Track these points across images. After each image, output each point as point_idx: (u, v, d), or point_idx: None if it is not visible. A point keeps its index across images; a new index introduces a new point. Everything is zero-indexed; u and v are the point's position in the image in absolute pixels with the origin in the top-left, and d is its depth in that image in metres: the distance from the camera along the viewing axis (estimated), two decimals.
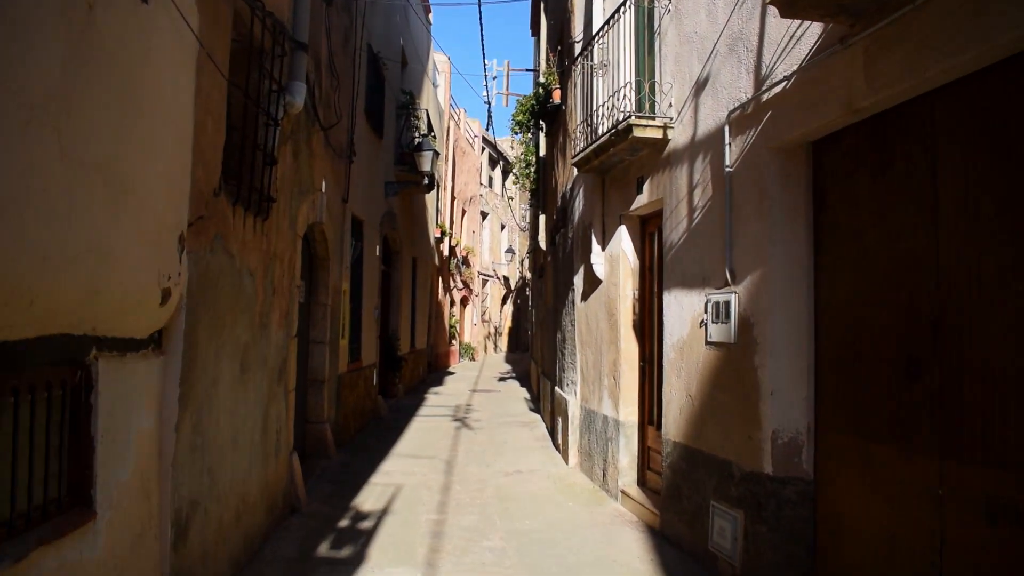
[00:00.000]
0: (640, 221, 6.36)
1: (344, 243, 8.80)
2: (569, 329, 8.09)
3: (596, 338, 6.95)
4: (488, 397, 14.42)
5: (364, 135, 10.08)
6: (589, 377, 7.21)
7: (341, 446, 8.65)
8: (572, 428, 7.66)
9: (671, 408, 5.24)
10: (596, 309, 6.95)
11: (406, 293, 14.44)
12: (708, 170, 4.78)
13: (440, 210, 19.76)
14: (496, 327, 30.75)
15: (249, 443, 4.69)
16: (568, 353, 8.15)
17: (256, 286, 4.64)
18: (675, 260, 5.23)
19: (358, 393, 9.71)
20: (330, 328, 8.15)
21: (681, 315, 5.10)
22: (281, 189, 5.22)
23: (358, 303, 9.98)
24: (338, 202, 8.31)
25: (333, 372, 8.42)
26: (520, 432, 10.22)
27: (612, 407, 6.48)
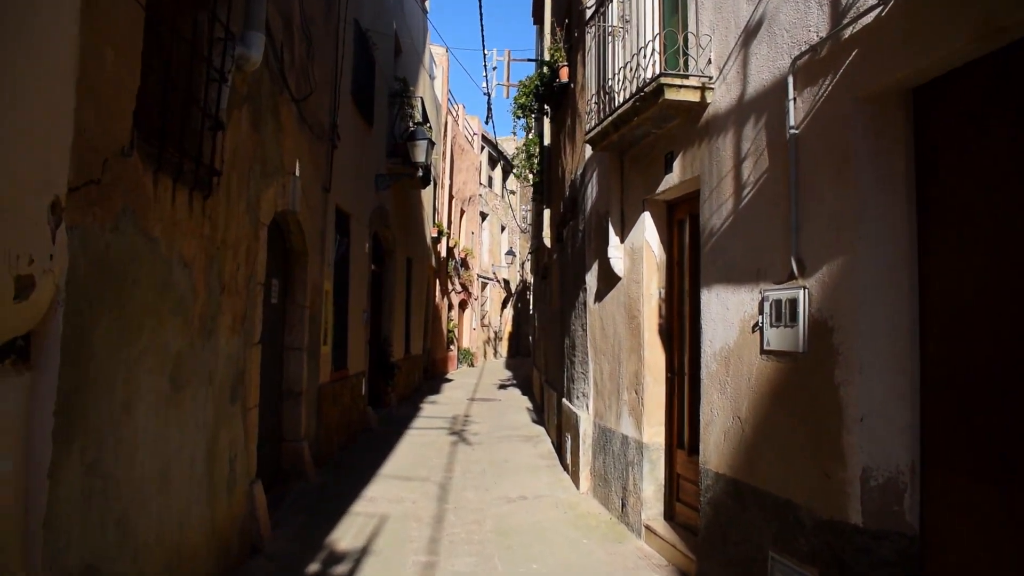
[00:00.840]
0: (667, 207, 5.39)
1: (326, 238, 7.84)
2: (579, 334, 7.13)
3: (613, 345, 5.98)
4: (488, 407, 13.44)
5: (351, 120, 9.12)
6: (604, 390, 6.24)
7: (322, 465, 7.67)
8: (584, 448, 6.68)
9: (712, 431, 4.27)
10: (613, 311, 5.98)
11: (400, 295, 13.47)
12: (763, 135, 3.82)
13: (437, 209, 18.81)
14: (496, 332, 29.77)
15: (187, 478, 3.72)
16: (578, 362, 7.18)
17: (194, 281, 3.67)
18: (717, 250, 4.26)
19: (343, 405, 8.74)
20: (309, 333, 7.18)
21: (725, 317, 4.13)
22: (233, 163, 4.26)
23: (344, 305, 9.01)
24: (317, 190, 7.34)
25: (313, 382, 7.44)
26: (523, 448, 9.24)
27: (633, 426, 5.51)
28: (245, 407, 4.78)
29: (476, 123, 25.58)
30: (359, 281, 9.77)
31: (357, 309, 9.70)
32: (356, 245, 9.52)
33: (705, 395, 4.37)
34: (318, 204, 7.41)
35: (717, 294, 4.24)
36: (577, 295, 7.23)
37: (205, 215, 3.77)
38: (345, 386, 8.82)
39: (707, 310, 4.36)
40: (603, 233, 6.08)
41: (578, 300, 7.18)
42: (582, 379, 6.97)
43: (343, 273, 8.96)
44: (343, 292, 8.97)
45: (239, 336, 4.50)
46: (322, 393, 7.76)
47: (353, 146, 9.30)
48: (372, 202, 10.62)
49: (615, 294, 5.93)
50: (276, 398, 6.81)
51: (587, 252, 6.71)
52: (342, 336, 8.93)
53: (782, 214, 3.62)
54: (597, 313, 6.45)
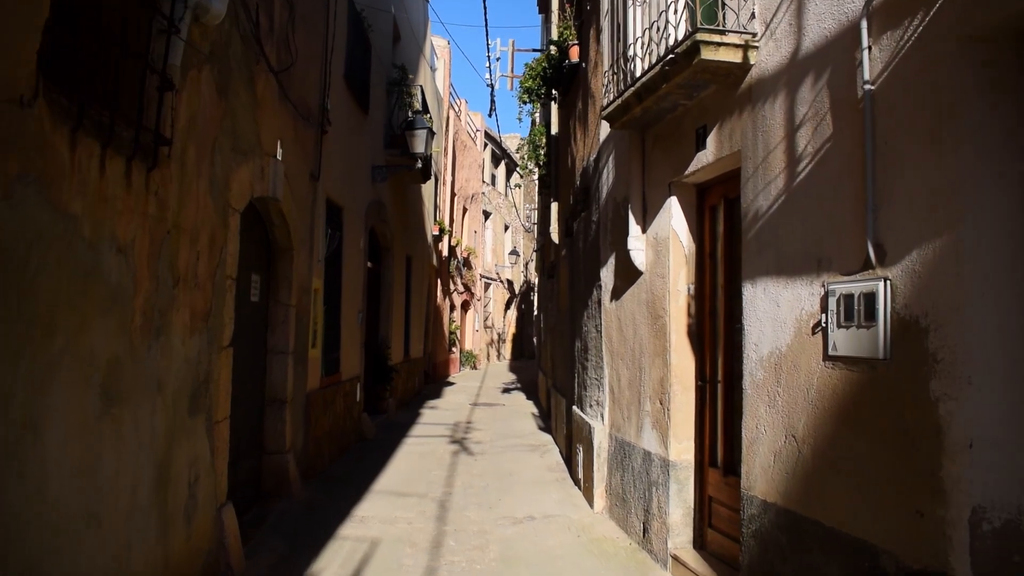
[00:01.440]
0: (697, 191, 4.73)
1: (315, 231, 7.18)
2: (593, 336, 6.46)
3: (633, 348, 5.31)
4: (491, 412, 12.77)
5: (344, 106, 8.48)
6: (622, 399, 5.57)
7: (311, 479, 7.01)
8: (598, 462, 6.01)
9: (758, 451, 3.60)
10: (633, 310, 5.32)
11: (399, 295, 12.81)
12: (824, 97, 3.16)
13: (439, 206, 18.17)
14: (499, 334, 29.11)
15: (127, 510, 3.06)
16: (592, 367, 6.51)
17: (134, 270, 3.01)
18: (764, 237, 3.60)
19: (335, 412, 8.08)
20: (295, 335, 6.53)
21: (776, 316, 3.47)
22: (191, 132, 3.60)
23: (336, 305, 8.35)
24: (304, 177, 6.69)
25: (300, 389, 6.79)
26: (529, 458, 8.57)
27: (658, 441, 4.84)
28: (211, 420, 4.12)
29: (479, 119, 24.94)
30: (353, 279, 9.11)
31: (351, 309, 9.05)
32: (350, 241, 8.86)
33: (749, 408, 3.70)
34: (305, 193, 6.76)
35: (765, 289, 3.58)
36: (590, 293, 6.56)
37: (150, 191, 3.11)
38: (338, 392, 8.16)
39: (752, 308, 3.69)
40: (621, 223, 5.42)
41: (591, 298, 6.52)
42: (596, 386, 6.31)
43: (335, 271, 8.31)
44: (335, 291, 8.32)
45: (201, 337, 3.84)
46: (311, 400, 7.10)
47: (346, 134, 8.65)
48: (368, 195, 9.97)
49: (635, 291, 5.26)
50: (257, 407, 6.15)
51: (602, 245, 6.05)
52: (334, 338, 8.27)
53: (852, 190, 2.96)
54: (614, 313, 5.78)
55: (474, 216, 23.99)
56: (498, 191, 28.66)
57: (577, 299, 7.45)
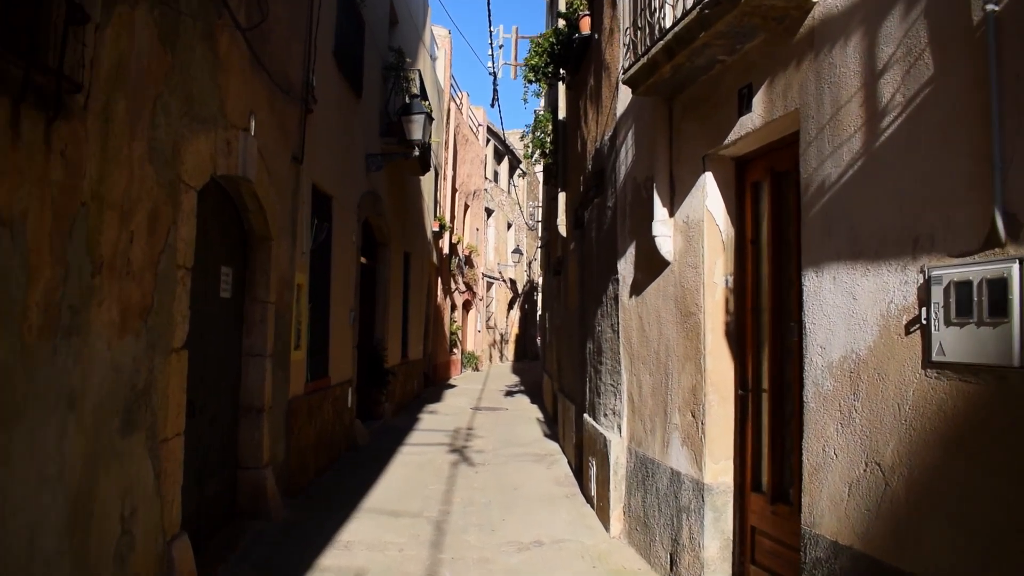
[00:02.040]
0: (736, 165, 4.02)
1: (299, 220, 6.48)
2: (608, 337, 5.75)
3: (658, 351, 4.60)
4: (494, 417, 12.07)
5: (334, 87, 7.78)
6: (644, 409, 4.86)
7: (293, 495, 6.31)
8: (615, 480, 5.30)
9: (825, 480, 2.90)
10: (658, 307, 4.60)
11: (396, 294, 12.11)
12: (921, 28, 2.46)
13: (439, 201, 17.47)
14: (502, 334, 28.41)
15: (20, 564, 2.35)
16: (606, 371, 5.80)
17: (26, 250, 2.31)
18: (833, 212, 2.89)
19: (323, 420, 7.38)
20: (275, 335, 5.83)
21: (852, 311, 2.76)
22: (118, 83, 2.90)
23: (324, 303, 7.65)
24: (284, 159, 5.99)
25: (280, 395, 6.09)
26: (535, 470, 7.86)
27: (689, 459, 4.13)
28: (156, 438, 3.42)
29: (481, 113, 24.24)
30: (344, 275, 8.41)
31: (342, 308, 8.35)
32: (340, 233, 8.16)
33: (813, 426, 2.99)
34: (286, 177, 6.06)
35: (835, 278, 2.87)
36: (605, 288, 5.85)
37: (53, 149, 2.41)
38: (325, 398, 7.46)
39: (816, 302, 2.98)
40: (643, 206, 4.71)
41: (606, 294, 5.80)
42: (612, 393, 5.59)
43: (323, 265, 7.61)
44: (323, 287, 7.62)
45: (137, 339, 3.14)
46: (294, 408, 6.40)
47: (336, 116, 7.95)
48: (362, 185, 9.27)
49: (661, 284, 4.55)
50: (230, 416, 5.46)
51: (620, 233, 5.34)
52: (322, 339, 7.57)
53: (966, 144, 2.26)
54: (634, 310, 5.07)
55: (476, 213, 23.29)
56: (501, 188, 27.96)
57: (589, 296, 6.74)
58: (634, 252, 5.01)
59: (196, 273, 4.26)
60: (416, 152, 9.44)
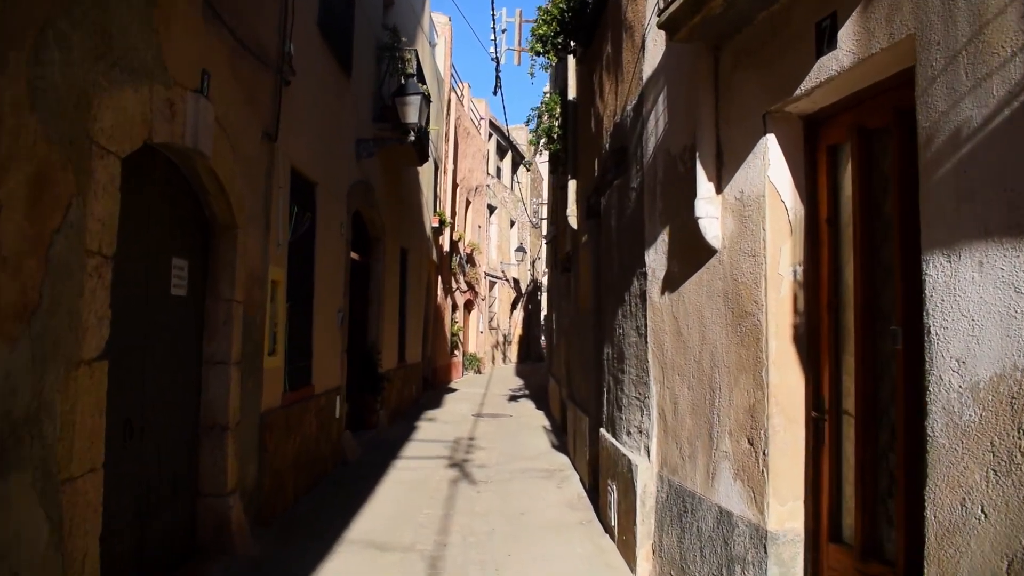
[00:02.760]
0: (807, 125, 3.17)
1: (274, 207, 5.65)
2: (632, 341, 4.90)
3: (700, 359, 3.75)
4: (497, 425, 11.22)
5: (318, 59, 6.95)
6: (680, 429, 4.01)
7: (268, 523, 5.48)
8: (642, 511, 4.45)
9: (966, 546, 2.05)
10: (701, 305, 3.75)
11: (392, 293, 11.27)
12: None
13: (439, 196, 16.63)
14: (505, 335, 27.56)
15: None
16: (630, 381, 4.95)
17: None
18: (974, 170, 2.05)
19: (304, 435, 6.53)
20: (243, 339, 5.00)
21: (1013, 310, 1.92)
22: None
23: (306, 302, 6.82)
24: (253, 134, 5.16)
25: (251, 409, 5.25)
26: (544, 489, 7.02)
27: (745, 497, 3.28)
28: (52, 478, 2.58)
29: (483, 106, 23.40)
30: (331, 272, 7.57)
31: (328, 308, 7.51)
32: (327, 224, 7.33)
33: (945, 469, 2.14)
34: (256, 156, 5.22)
35: (983, 263, 2.02)
36: (628, 284, 5.00)
37: None
38: (307, 410, 6.62)
39: (949, 297, 2.14)
40: (681, 183, 3.87)
41: (630, 292, 4.96)
42: (637, 407, 4.75)
43: (306, 260, 6.78)
44: (305, 285, 6.78)
45: (12, 348, 2.30)
46: (268, 422, 5.56)
47: (321, 95, 7.12)
48: (352, 173, 8.43)
49: (705, 278, 3.70)
50: (187, 436, 4.62)
51: (648, 219, 4.49)
52: (303, 343, 6.73)
53: None
54: (667, 310, 4.22)
55: (478, 210, 22.44)
56: (504, 184, 27.12)
57: (607, 293, 5.89)
58: (667, 240, 4.16)
59: (128, 264, 3.44)
60: (411, 137, 8.60)
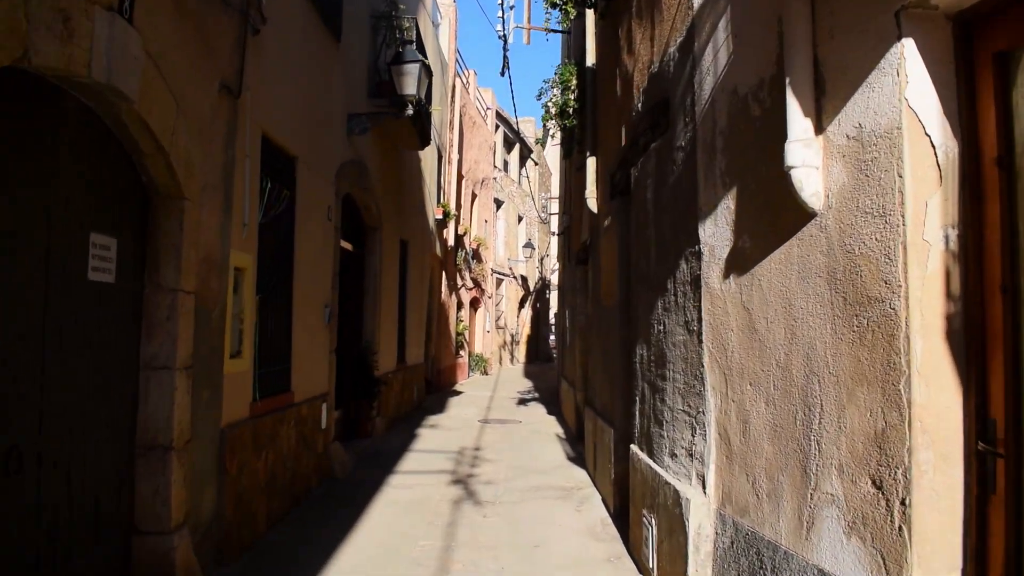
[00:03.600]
0: (958, 26, 2.17)
1: (239, 178, 4.69)
2: (679, 340, 3.91)
3: (787, 364, 2.76)
4: (505, 433, 10.24)
5: (298, 12, 6.00)
6: (754, 457, 3.02)
7: (230, 560, 4.52)
8: (695, 558, 3.46)
9: None
10: (789, 290, 2.76)
11: (390, 288, 10.31)
12: None
13: (443, 187, 15.67)
14: (513, 335, 26.58)
15: None
16: (676, 391, 3.96)
17: None
18: None
19: (281, 450, 5.57)
20: (195, 339, 4.04)
21: None
22: None
23: (284, 295, 5.86)
24: (206, 84, 4.20)
25: (208, 422, 4.29)
26: (561, 512, 6.04)
27: (866, 562, 2.29)
28: None
29: (490, 96, 22.42)
30: (316, 261, 6.61)
31: (313, 302, 6.55)
32: (310, 206, 6.37)
33: None
34: (210, 112, 4.26)
35: None
36: (672, 269, 4.01)
37: None
38: (284, 421, 5.65)
39: None
40: (756, 128, 2.89)
41: (675, 278, 3.96)
42: (686, 424, 3.76)
43: (283, 246, 5.82)
44: (283, 275, 5.82)
45: None
46: (231, 438, 4.60)
47: (302, 56, 6.16)
48: (342, 151, 7.48)
49: (796, 252, 2.70)
50: (118, 460, 3.67)
51: (704, 182, 3.50)
52: (280, 343, 5.77)
53: None
54: (732, 298, 3.23)
55: (484, 204, 21.46)
56: (511, 178, 26.13)
57: (640, 283, 4.90)
58: (733, 206, 3.17)
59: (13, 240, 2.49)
60: (409, 111, 7.62)
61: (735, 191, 3.14)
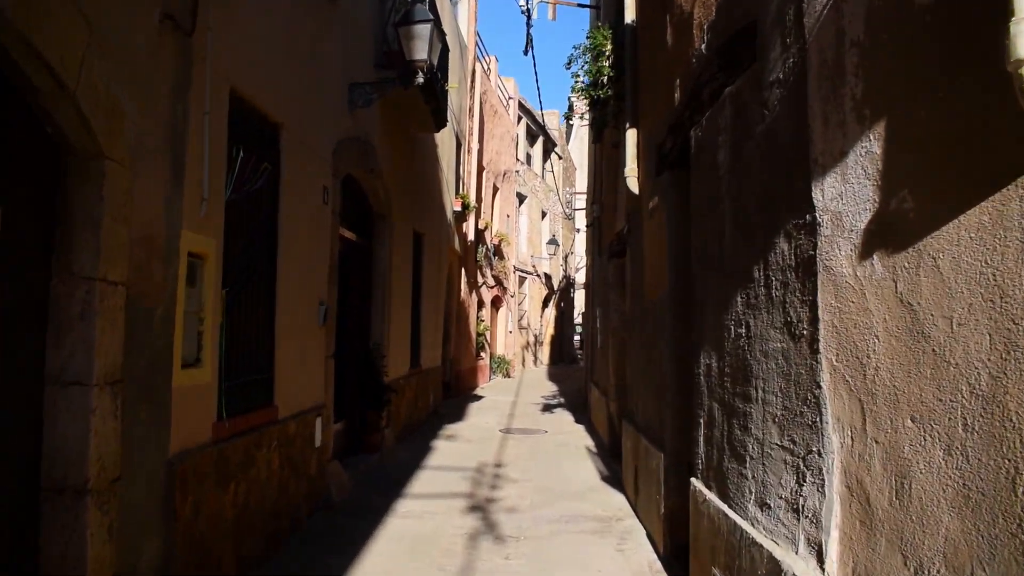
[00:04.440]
0: None
1: (194, 138, 3.71)
2: (777, 346, 2.85)
3: (993, 391, 1.70)
4: (530, 445, 9.21)
5: None
6: (920, 533, 1.97)
7: None
8: None
9: None
10: (994, 271, 1.72)
11: (402, 284, 9.32)
12: None
13: (462, 178, 14.67)
14: (536, 335, 25.52)
15: None
16: (769, 417, 2.91)
17: None
18: None
19: (256, 480, 4.59)
20: (126, 343, 3.07)
21: None
22: None
23: (264, 289, 4.87)
24: (142, 13, 3.21)
25: (148, 453, 3.32)
26: (600, 552, 5.00)
27: None
28: None
29: (512, 85, 21.38)
30: (308, 250, 5.63)
31: (304, 298, 5.57)
32: (300, 185, 5.39)
33: None
34: (144, 48, 3.27)
35: None
36: (763, 251, 2.94)
37: None
38: (262, 443, 4.67)
39: None
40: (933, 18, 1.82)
41: (766, 263, 2.90)
42: (784, 464, 2.70)
43: (262, 229, 4.84)
44: (261, 265, 4.84)
45: None
46: (186, 471, 3.62)
47: (290, 6, 5.18)
48: (341, 125, 6.49)
49: (1017, 209, 1.64)
50: (14, 508, 2.70)
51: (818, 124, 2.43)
52: (259, 347, 4.79)
53: None
54: (878, 288, 2.16)
55: (506, 198, 20.44)
56: (534, 172, 25.07)
57: (710, 270, 3.84)
58: (879, 149, 2.10)
59: None
60: (420, 79, 6.61)
61: (883, 127, 2.07)
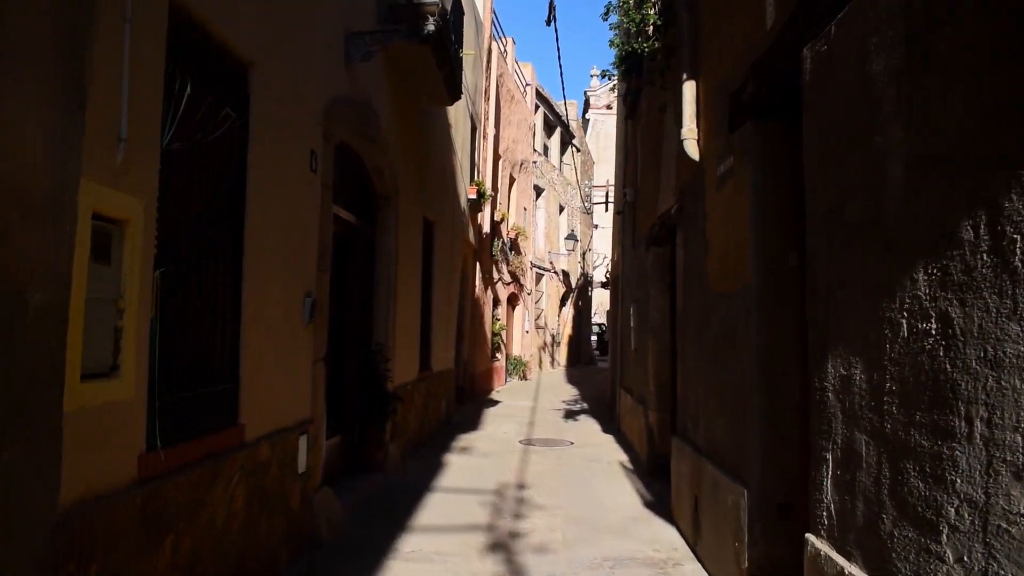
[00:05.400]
0: None
1: (101, 49, 2.59)
2: (1007, 352, 1.68)
3: None
4: (555, 460, 8.06)
5: None
6: None
7: None
8: None
9: None
10: None
11: (410, 276, 8.19)
12: None
13: (477, 164, 13.54)
14: (553, 335, 24.35)
15: None
16: (989, 467, 1.75)
17: None
18: None
19: (208, 528, 3.46)
20: None
21: None
22: None
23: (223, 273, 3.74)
24: None
25: (20, 507, 2.17)
26: None
27: None
28: None
29: (529, 71, 20.23)
30: (288, 229, 4.51)
31: (283, 288, 4.45)
32: (275, 144, 4.27)
33: None
34: None
35: None
36: (970, 210, 1.79)
37: None
38: (221, 474, 3.54)
39: None
40: None
41: (976, 226, 1.74)
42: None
43: (221, 193, 3.72)
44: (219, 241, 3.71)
45: None
46: (92, 527, 2.51)
47: None
48: (336, 82, 5.38)
49: None
50: None
51: None
52: (215, 349, 3.66)
53: None
54: None
55: (523, 190, 19.29)
56: (552, 164, 23.90)
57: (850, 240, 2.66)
58: None
59: None
60: (430, 26, 5.48)
61: None
